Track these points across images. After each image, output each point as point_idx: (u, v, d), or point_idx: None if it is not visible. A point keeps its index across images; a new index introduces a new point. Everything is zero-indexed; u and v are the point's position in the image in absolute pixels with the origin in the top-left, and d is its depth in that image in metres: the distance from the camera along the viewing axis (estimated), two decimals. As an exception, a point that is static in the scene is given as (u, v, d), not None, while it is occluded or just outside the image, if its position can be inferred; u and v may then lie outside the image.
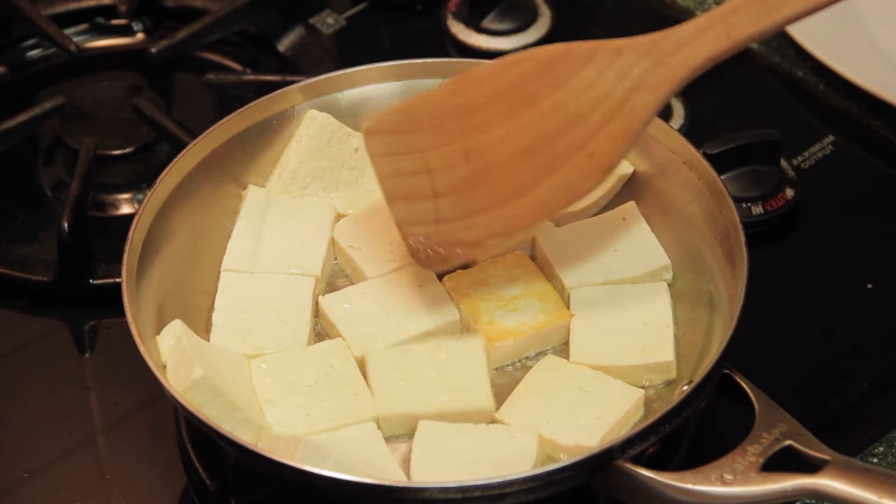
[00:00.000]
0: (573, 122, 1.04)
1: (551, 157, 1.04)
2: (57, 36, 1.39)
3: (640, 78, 1.02)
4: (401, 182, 1.07)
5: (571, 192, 1.05)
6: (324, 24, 1.46)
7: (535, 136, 1.05)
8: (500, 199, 1.05)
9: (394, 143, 1.07)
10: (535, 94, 1.04)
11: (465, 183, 1.06)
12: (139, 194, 1.31)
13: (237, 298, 1.12)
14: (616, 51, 1.03)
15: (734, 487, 0.92)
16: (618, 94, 1.03)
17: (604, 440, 1.00)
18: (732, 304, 1.02)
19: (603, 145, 1.03)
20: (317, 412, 1.04)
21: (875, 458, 1.11)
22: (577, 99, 1.04)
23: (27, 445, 1.13)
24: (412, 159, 1.06)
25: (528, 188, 1.05)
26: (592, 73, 1.03)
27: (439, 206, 1.06)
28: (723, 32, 1.01)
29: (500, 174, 1.05)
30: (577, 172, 1.04)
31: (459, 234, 1.05)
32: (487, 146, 1.06)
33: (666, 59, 1.02)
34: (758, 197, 1.25)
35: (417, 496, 0.95)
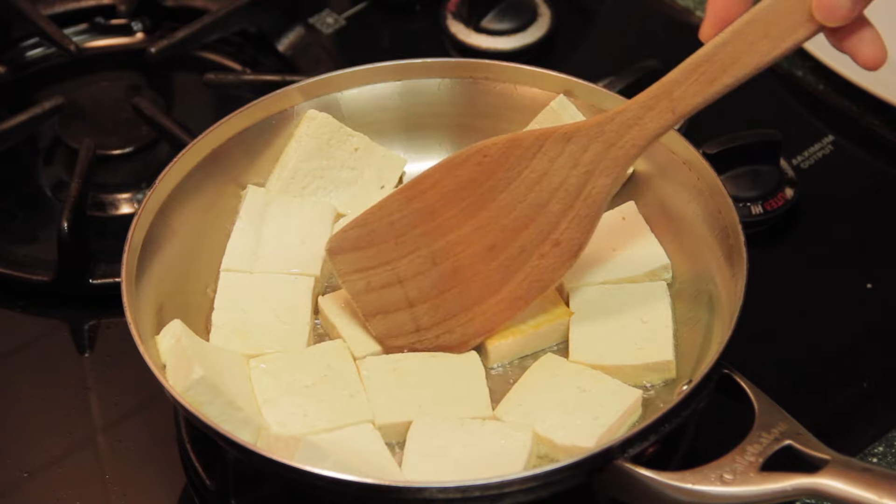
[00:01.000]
0: (533, 214, 1.05)
1: (517, 250, 1.06)
2: (57, 36, 1.39)
3: (593, 162, 1.03)
4: (374, 297, 1.08)
5: (543, 282, 1.07)
6: (323, 23, 1.46)
7: (497, 231, 1.06)
8: (474, 299, 1.08)
9: (360, 259, 1.08)
10: (491, 189, 1.06)
11: (438, 288, 1.08)
12: (139, 194, 1.31)
13: (237, 298, 1.12)
14: (564, 137, 1.04)
15: (734, 487, 0.92)
16: (573, 181, 1.04)
17: (600, 441, 1.00)
18: (732, 303, 1.02)
19: (567, 233, 1.05)
20: (314, 413, 1.04)
21: (875, 458, 1.11)
22: (533, 189, 1.05)
23: (27, 445, 1.13)
24: (381, 272, 1.08)
25: (501, 284, 1.07)
26: (544, 162, 1.04)
27: (416, 314, 1.08)
28: (667, 108, 1.01)
29: (469, 274, 1.07)
30: (545, 263, 1.06)
31: (442, 339, 1.09)
32: (453, 248, 1.07)
33: (615, 140, 1.03)
34: (757, 197, 1.25)
35: (417, 496, 0.94)
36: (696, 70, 1.00)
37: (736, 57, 0.99)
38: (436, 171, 1.07)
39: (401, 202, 1.07)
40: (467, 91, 1.22)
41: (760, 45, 0.98)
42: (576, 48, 1.44)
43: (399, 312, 1.08)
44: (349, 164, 1.21)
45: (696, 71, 1.00)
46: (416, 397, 1.05)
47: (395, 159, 1.23)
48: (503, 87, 1.22)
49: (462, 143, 1.23)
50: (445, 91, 1.22)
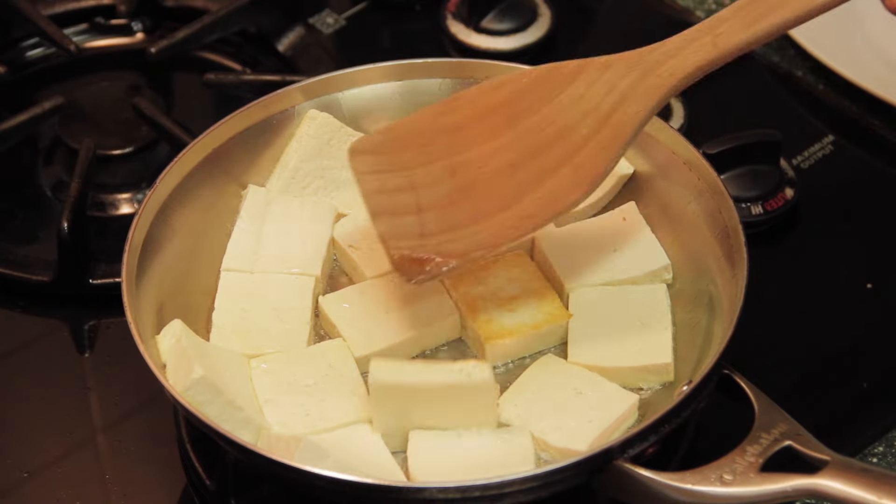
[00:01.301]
0: (560, 136, 1.03)
1: (538, 170, 1.04)
2: (57, 36, 1.39)
3: (628, 89, 1.02)
4: (385, 198, 1.06)
5: (558, 203, 1.04)
6: (324, 24, 1.46)
7: (521, 150, 1.04)
8: (485, 212, 1.05)
9: (379, 161, 1.06)
10: (523, 111, 1.04)
11: (451, 198, 1.05)
12: (139, 194, 1.31)
13: (237, 298, 1.12)
14: (604, 65, 1.03)
15: (734, 488, 0.92)
16: (605, 107, 1.03)
17: (593, 445, 1.00)
18: (732, 304, 1.02)
19: (590, 157, 1.03)
20: (316, 412, 1.04)
21: (875, 458, 1.11)
22: (565, 113, 1.03)
23: (27, 445, 1.13)
24: (397, 177, 1.06)
25: (514, 201, 1.04)
26: (581, 87, 1.03)
27: (424, 220, 1.05)
28: (709, 42, 1.00)
29: (485, 188, 1.05)
30: (563, 183, 1.03)
31: (444, 247, 1.04)
32: (473, 162, 1.05)
33: (654, 69, 1.02)
34: (757, 197, 1.25)
35: (417, 496, 0.95)
36: (744, 8, 0.99)
37: None
38: (472, 90, 1.07)
39: (431, 115, 1.07)
40: (468, 91, 1.23)
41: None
42: (576, 48, 1.44)
43: (406, 216, 1.05)
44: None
45: (744, 9, 0.99)
46: (426, 412, 1.02)
47: (397, 159, 1.23)
48: (504, 87, 1.22)
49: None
50: (446, 91, 1.22)
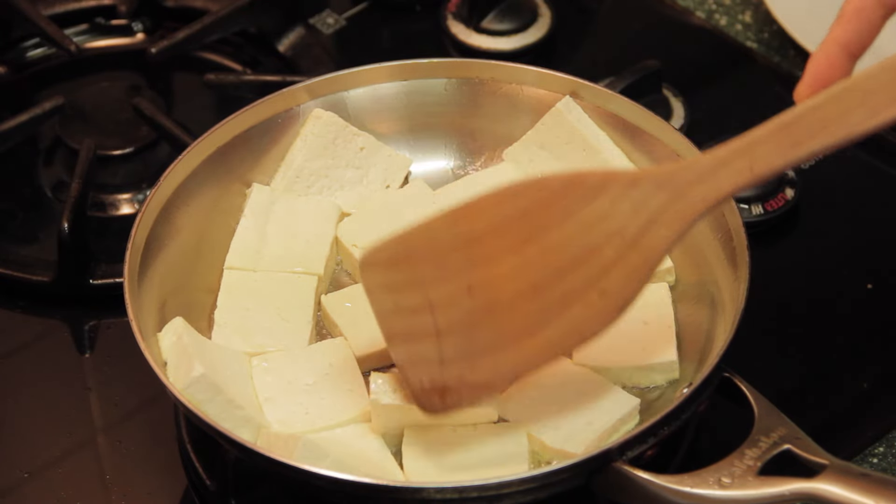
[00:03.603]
0: (584, 257, 0.97)
1: (561, 294, 0.97)
2: (57, 36, 1.39)
3: (657, 212, 0.95)
4: (401, 320, 1.00)
5: (583, 333, 0.99)
6: (324, 24, 1.46)
7: (543, 271, 0.97)
8: (507, 339, 0.99)
9: (392, 275, 0.99)
10: (544, 226, 0.97)
11: (470, 321, 0.98)
12: (139, 194, 1.31)
13: (240, 296, 1.12)
14: (631, 182, 0.96)
15: (732, 491, 0.92)
16: (632, 229, 0.95)
17: (589, 448, 1.00)
18: (734, 306, 1.02)
19: (617, 283, 0.97)
20: (315, 411, 1.04)
21: (875, 459, 1.11)
22: (589, 232, 0.96)
23: (27, 445, 1.13)
24: (413, 294, 0.98)
25: (537, 328, 0.98)
26: (605, 204, 0.96)
27: (443, 345, 0.99)
28: (745, 167, 0.94)
29: (506, 312, 0.98)
30: (589, 312, 0.97)
31: (465, 376, 1.00)
32: (493, 281, 0.98)
33: (685, 193, 0.95)
34: (758, 197, 1.25)
35: (415, 496, 0.95)
36: (782, 131, 0.93)
37: (826, 123, 0.91)
38: (489, 197, 0.98)
39: (446, 224, 0.98)
40: (473, 91, 1.22)
41: (854, 115, 0.91)
42: (576, 48, 1.44)
43: (424, 340, 0.99)
44: (354, 164, 1.21)
45: (782, 132, 0.93)
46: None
47: (401, 159, 1.23)
48: (509, 88, 1.21)
49: (468, 143, 1.24)
50: (451, 91, 1.22)
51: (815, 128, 0.92)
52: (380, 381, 1.02)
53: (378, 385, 1.02)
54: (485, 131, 1.23)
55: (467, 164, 1.25)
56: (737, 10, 1.50)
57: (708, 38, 1.44)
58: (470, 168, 1.25)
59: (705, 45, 1.43)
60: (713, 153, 0.95)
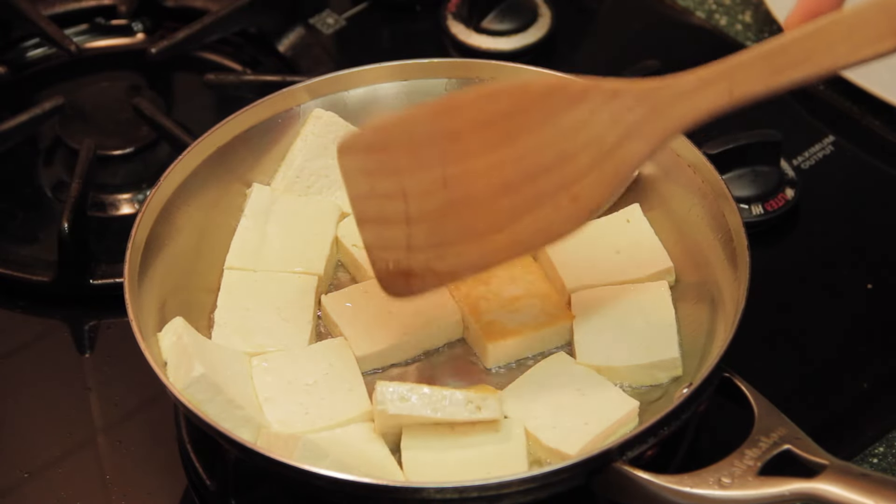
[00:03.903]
0: (559, 162, 0.99)
1: (533, 194, 1.00)
2: (57, 36, 1.39)
3: (634, 125, 0.98)
4: (374, 204, 1.02)
5: (551, 233, 1.01)
6: (324, 24, 1.46)
7: (518, 170, 0.99)
8: (476, 231, 1.01)
9: (369, 161, 1.01)
10: (523, 127, 0.99)
11: (441, 212, 1.01)
12: (139, 194, 1.31)
13: (240, 296, 1.12)
14: (612, 93, 0.98)
15: (732, 491, 0.92)
16: (609, 139, 0.98)
17: (584, 449, 1.00)
18: (734, 306, 1.02)
19: (588, 189, 0.99)
20: (315, 411, 1.04)
21: (875, 459, 1.11)
22: (566, 138, 0.99)
23: (27, 445, 1.13)
24: (388, 180, 1.01)
25: (506, 224, 1.01)
26: (585, 112, 0.98)
27: (412, 232, 1.01)
28: (725, 89, 0.96)
29: (478, 206, 1.01)
30: (558, 214, 1.00)
31: (431, 264, 1.02)
32: (467, 175, 1.00)
33: (663, 109, 0.97)
34: (758, 197, 1.25)
35: (414, 496, 0.95)
36: (766, 57, 0.94)
37: (810, 53, 0.93)
38: (472, 94, 1.02)
39: (427, 117, 1.00)
40: (474, 92, 1.23)
41: (839, 48, 0.92)
42: (576, 48, 1.44)
43: (395, 226, 1.01)
44: (355, 164, 1.21)
45: (765, 58, 0.94)
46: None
47: (401, 159, 1.23)
48: (510, 89, 1.22)
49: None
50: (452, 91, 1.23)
51: (799, 57, 0.94)
52: (389, 389, 1.01)
53: (386, 394, 1.01)
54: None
55: (467, 164, 1.25)
56: (737, 10, 1.50)
57: (708, 38, 1.44)
58: (470, 168, 1.25)
59: (705, 45, 1.43)
60: (695, 72, 0.97)
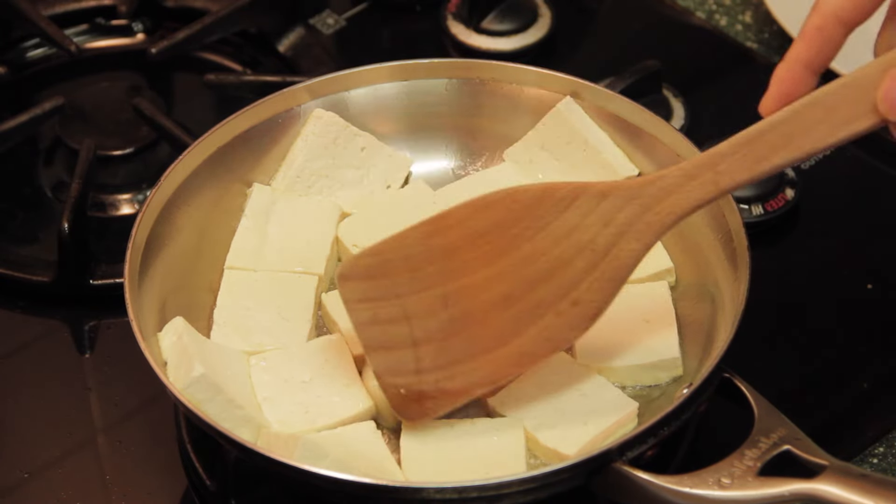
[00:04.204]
0: (556, 269, 1.00)
1: (534, 304, 1.01)
2: (57, 36, 1.39)
3: (626, 224, 0.99)
4: (379, 331, 1.02)
5: (556, 342, 1.02)
6: (324, 24, 1.46)
7: (516, 281, 1.01)
8: (481, 348, 1.02)
9: (369, 288, 1.02)
10: (516, 237, 1.01)
11: (445, 331, 1.02)
12: (139, 195, 1.31)
13: (240, 296, 1.12)
14: (600, 194, 0.99)
15: (731, 491, 0.92)
16: (602, 241, 0.99)
17: (582, 450, 1.00)
18: (734, 307, 1.02)
19: (588, 293, 1.00)
20: (314, 409, 1.04)
21: (875, 459, 1.11)
22: (560, 244, 1.00)
23: (27, 445, 1.13)
24: (389, 306, 1.01)
25: (511, 337, 1.02)
26: (575, 216, 0.99)
27: (419, 354, 1.02)
28: (710, 180, 0.97)
29: (480, 322, 1.02)
30: (561, 321, 1.01)
31: (441, 384, 1.03)
32: (467, 292, 1.01)
33: (652, 206, 0.99)
34: (758, 197, 1.25)
35: (414, 496, 0.95)
36: (745, 146, 0.96)
37: (789, 138, 0.94)
38: (461, 209, 1.02)
39: (420, 236, 1.01)
40: (474, 92, 1.22)
41: (817, 130, 0.93)
42: (576, 49, 1.44)
43: (402, 350, 1.02)
44: (355, 164, 1.21)
45: (746, 147, 0.96)
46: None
47: (402, 159, 1.23)
48: (510, 89, 1.21)
49: (469, 143, 1.24)
50: (453, 92, 1.22)
51: (779, 143, 0.95)
52: None
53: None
54: (485, 131, 1.24)
55: (468, 164, 1.25)
56: (737, 11, 1.50)
57: (708, 38, 1.44)
58: (471, 168, 1.25)
59: (705, 45, 1.43)
60: (681, 167, 0.98)
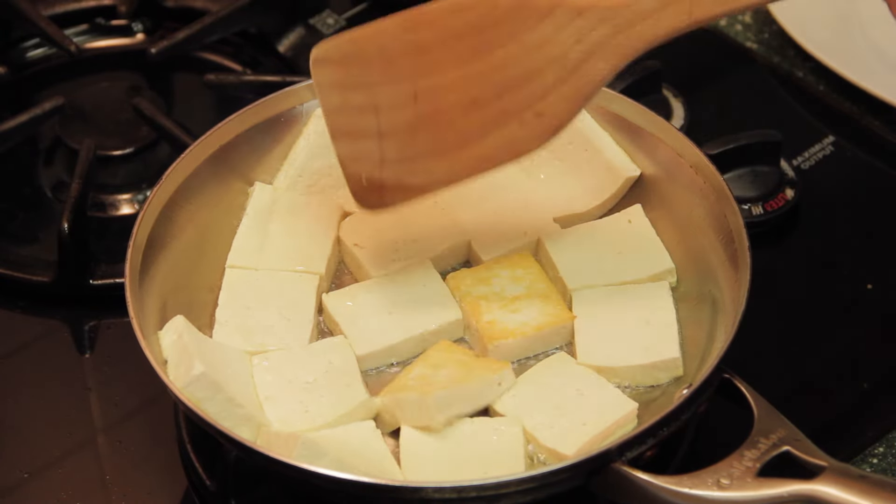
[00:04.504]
0: (525, 78, 1.01)
1: (500, 110, 1.02)
2: (57, 36, 1.40)
3: (598, 44, 1.00)
4: (347, 117, 1.05)
5: (517, 149, 1.04)
6: (324, 24, 1.46)
7: (485, 86, 1.02)
8: (444, 147, 1.04)
9: (343, 74, 1.04)
10: (490, 42, 1.02)
11: (412, 126, 1.04)
12: (139, 195, 1.31)
13: (241, 295, 1.12)
14: (577, 11, 1.00)
15: (730, 492, 0.92)
16: (573, 57, 1.00)
17: (581, 450, 1.00)
18: (735, 307, 1.02)
19: (553, 106, 1.02)
20: (315, 409, 1.04)
21: (875, 459, 1.11)
22: (531, 54, 1.01)
23: (27, 445, 1.13)
24: (360, 95, 1.04)
25: (474, 140, 1.04)
26: (550, 29, 1.00)
27: (384, 146, 1.04)
28: (685, 10, 0.98)
29: (447, 121, 1.04)
30: (524, 131, 1.03)
31: (402, 178, 1.05)
32: (437, 90, 1.03)
33: (625, 28, 0.99)
34: (758, 197, 1.25)
35: (413, 496, 0.95)
36: None
37: None
38: (442, 5, 1.03)
39: (398, 29, 1.03)
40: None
41: None
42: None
43: (367, 140, 1.05)
44: (356, 163, 1.21)
45: None
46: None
47: (402, 158, 1.23)
48: (510, 87, 1.22)
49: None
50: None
51: None
52: None
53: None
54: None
55: (469, 164, 1.25)
56: (737, 10, 1.50)
57: (708, 38, 1.44)
58: (472, 169, 1.25)
59: (705, 45, 1.43)
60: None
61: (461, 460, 1.01)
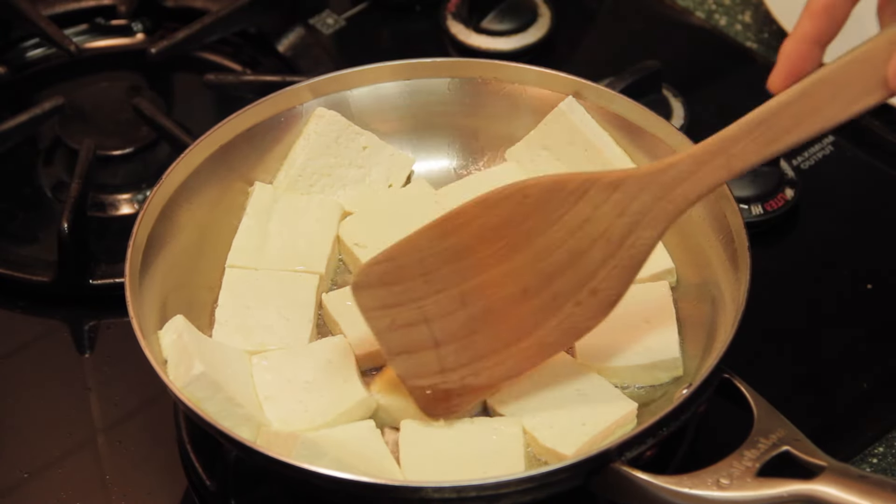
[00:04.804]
0: (572, 260, 1.00)
1: (552, 296, 1.01)
2: (57, 36, 1.39)
3: (640, 213, 0.98)
4: (399, 336, 1.02)
5: (577, 330, 1.02)
6: (324, 24, 1.46)
7: (532, 275, 1.01)
8: (503, 342, 1.02)
9: (385, 295, 1.01)
10: (529, 231, 1.00)
11: (466, 329, 1.02)
12: (139, 195, 1.31)
13: (241, 294, 1.12)
14: (611, 185, 0.98)
15: (730, 492, 0.92)
16: (617, 231, 0.99)
17: (580, 450, 1.00)
18: (735, 307, 1.02)
19: (606, 281, 1.00)
20: (315, 408, 1.04)
21: (875, 459, 1.11)
22: (574, 235, 0.99)
23: (27, 445, 1.13)
24: (407, 311, 1.01)
25: (532, 329, 1.02)
26: (588, 208, 0.99)
27: (442, 354, 1.02)
28: (723, 165, 0.97)
29: (500, 317, 1.02)
30: (581, 310, 1.01)
31: (467, 381, 1.03)
32: (484, 289, 1.01)
33: (665, 193, 0.98)
34: (758, 197, 1.25)
35: (413, 496, 0.95)
36: (757, 128, 0.95)
37: (800, 118, 0.93)
38: (472, 207, 1.01)
39: (432, 238, 1.00)
40: (476, 91, 1.22)
41: (827, 109, 0.93)
42: (576, 48, 1.44)
43: (424, 352, 1.02)
44: (357, 163, 1.21)
45: (758, 129, 0.95)
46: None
47: (403, 158, 1.23)
48: (512, 88, 1.22)
49: (470, 143, 1.24)
50: (455, 91, 1.22)
51: (790, 123, 0.94)
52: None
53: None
54: (487, 131, 1.24)
55: (470, 163, 1.25)
56: (737, 10, 1.50)
57: (708, 38, 1.44)
58: (472, 168, 1.25)
59: (705, 45, 1.43)
60: (692, 153, 0.98)
61: (461, 460, 1.01)
